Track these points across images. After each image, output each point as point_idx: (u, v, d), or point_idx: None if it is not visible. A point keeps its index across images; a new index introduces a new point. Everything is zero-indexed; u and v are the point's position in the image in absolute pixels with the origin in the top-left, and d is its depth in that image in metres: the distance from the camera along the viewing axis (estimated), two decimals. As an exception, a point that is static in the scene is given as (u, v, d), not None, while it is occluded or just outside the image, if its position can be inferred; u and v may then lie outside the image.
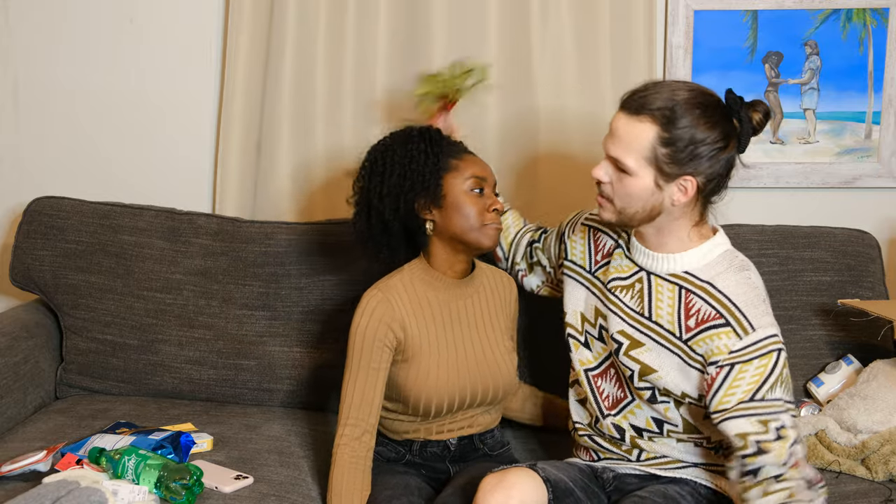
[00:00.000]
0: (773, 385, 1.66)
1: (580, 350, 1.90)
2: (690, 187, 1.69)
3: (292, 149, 2.60)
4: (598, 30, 2.51)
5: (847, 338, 2.29)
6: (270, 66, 2.56)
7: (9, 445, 2.05)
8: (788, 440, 1.65)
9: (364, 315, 1.92)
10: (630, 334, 1.79)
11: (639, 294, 1.79)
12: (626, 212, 1.73)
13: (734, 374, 1.67)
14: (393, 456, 2.03)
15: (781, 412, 1.66)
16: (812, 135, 2.58)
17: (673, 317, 1.75)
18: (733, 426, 1.66)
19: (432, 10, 2.51)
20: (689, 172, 1.67)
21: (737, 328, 1.68)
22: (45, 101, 2.69)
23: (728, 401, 1.67)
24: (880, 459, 1.96)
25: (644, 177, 1.68)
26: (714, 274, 1.74)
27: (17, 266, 2.42)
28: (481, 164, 1.97)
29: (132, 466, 1.80)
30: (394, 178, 1.93)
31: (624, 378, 1.83)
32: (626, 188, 1.70)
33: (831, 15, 2.53)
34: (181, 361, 2.37)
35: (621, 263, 1.84)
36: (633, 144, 1.67)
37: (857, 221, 2.44)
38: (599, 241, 1.92)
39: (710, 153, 1.67)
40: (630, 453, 1.86)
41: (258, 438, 2.13)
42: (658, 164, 1.67)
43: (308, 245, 2.37)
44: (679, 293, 1.75)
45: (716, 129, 1.67)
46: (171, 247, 2.40)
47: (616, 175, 1.71)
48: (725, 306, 1.70)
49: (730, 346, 1.68)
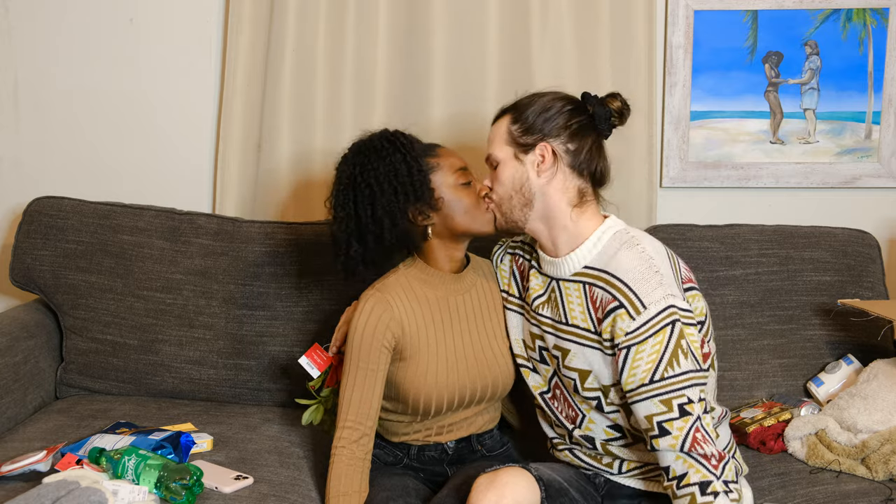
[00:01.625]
0: (670, 361, 1.66)
1: (531, 376, 1.94)
2: (546, 152, 1.79)
3: (292, 148, 2.60)
4: (598, 30, 2.51)
5: (847, 338, 2.29)
6: (270, 66, 2.56)
7: (9, 445, 2.05)
8: (692, 416, 1.65)
9: (362, 316, 1.91)
10: (560, 345, 1.82)
11: (554, 303, 1.83)
12: (504, 203, 1.83)
13: (631, 356, 1.68)
14: (391, 460, 2.03)
15: (685, 387, 1.66)
16: (812, 135, 2.58)
17: (585, 314, 1.77)
18: (640, 409, 1.68)
19: (432, 10, 2.51)
20: (540, 139, 1.80)
21: (629, 309, 1.69)
22: (45, 100, 2.69)
23: (631, 382, 1.69)
24: (880, 459, 1.96)
25: (506, 157, 1.83)
26: (607, 259, 1.76)
27: (17, 266, 2.42)
28: (454, 153, 1.98)
29: (132, 466, 1.80)
30: (385, 196, 1.88)
31: (568, 393, 1.84)
32: (498, 178, 1.85)
33: (831, 15, 2.53)
34: (181, 361, 2.37)
35: (537, 282, 1.89)
36: (496, 137, 1.86)
37: (857, 221, 2.44)
38: (521, 265, 1.96)
39: (558, 117, 1.79)
40: (611, 466, 1.85)
41: (258, 438, 2.13)
42: (513, 138, 1.82)
43: (308, 245, 2.37)
44: (584, 289, 1.78)
45: (566, 103, 1.82)
46: (171, 247, 2.40)
47: (493, 175, 1.87)
48: (617, 288, 1.72)
49: (625, 329, 1.69)
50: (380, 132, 1.96)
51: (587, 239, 1.80)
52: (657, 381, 1.67)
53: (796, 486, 1.94)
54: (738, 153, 2.59)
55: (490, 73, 2.53)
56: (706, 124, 2.59)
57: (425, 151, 1.95)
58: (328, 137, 2.58)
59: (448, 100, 2.54)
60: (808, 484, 1.95)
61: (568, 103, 1.83)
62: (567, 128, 1.80)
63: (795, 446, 2.08)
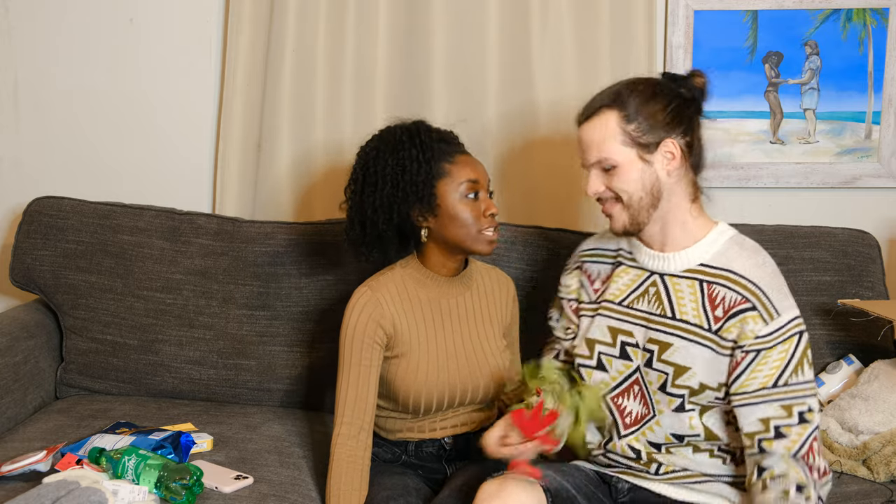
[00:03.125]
0: (795, 368, 1.67)
1: (593, 376, 1.84)
2: (675, 149, 1.73)
3: (292, 148, 2.60)
4: (598, 30, 2.51)
5: (847, 338, 2.29)
6: (270, 66, 2.56)
7: (9, 445, 2.05)
8: (811, 425, 1.65)
9: (353, 313, 1.92)
10: (658, 339, 1.77)
11: (656, 297, 1.78)
12: (633, 204, 1.74)
13: (758, 360, 1.67)
14: (389, 457, 2.03)
15: (807, 396, 1.67)
16: (812, 135, 2.58)
17: (699, 310, 1.73)
18: (755, 411, 1.67)
19: (432, 10, 2.51)
20: (663, 136, 1.72)
21: (763, 313, 1.68)
22: (45, 100, 2.69)
23: (749, 384, 1.67)
24: (882, 460, 1.96)
25: (630, 159, 1.72)
26: (729, 260, 1.74)
27: (17, 266, 2.42)
28: (473, 164, 1.94)
29: (132, 466, 1.80)
30: (387, 189, 1.90)
31: (648, 392, 1.79)
32: (622, 180, 1.73)
33: (831, 15, 2.53)
34: (181, 361, 2.37)
35: (629, 277, 1.83)
36: (605, 138, 1.73)
37: (857, 221, 2.44)
38: (590, 273, 1.91)
39: (672, 113, 1.72)
40: (648, 467, 1.81)
41: (258, 438, 2.13)
42: (633, 140, 1.72)
43: (308, 245, 2.37)
44: (700, 286, 1.74)
45: (664, 96, 1.73)
46: (171, 247, 2.40)
47: (607, 178, 1.75)
48: (750, 290, 1.70)
49: (756, 332, 1.68)
50: (408, 124, 1.96)
51: (704, 237, 1.77)
52: (781, 387, 1.66)
53: (797, 487, 1.94)
54: (738, 153, 2.59)
55: (490, 72, 2.53)
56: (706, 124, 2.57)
57: (444, 154, 1.92)
58: (328, 137, 2.58)
59: (448, 100, 2.54)
60: (809, 484, 1.94)
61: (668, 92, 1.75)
62: (680, 121, 1.73)
63: (796, 446, 2.08)
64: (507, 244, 2.31)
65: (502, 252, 2.30)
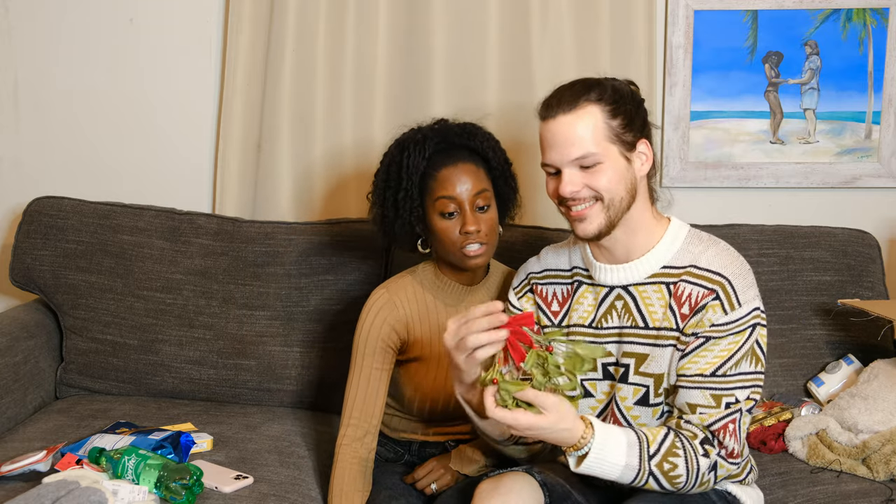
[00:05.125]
0: (739, 360, 1.65)
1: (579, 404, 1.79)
2: (648, 151, 1.71)
3: (292, 149, 2.60)
4: (598, 30, 2.51)
5: (847, 338, 2.29)
6: (270, 66, 2.56)
7: (9, 445, 2.05)
8: (736, 411, 1.64)
9: (369, 315, 1.91)
10: (633, 351, 1.74)
11: (625, 310, 1.75)
12: (615, 204, 1.67)
13: (704, 347, 1.66)
14: (392, 456, 2.03)
15: (738, 387, 1.65)
16: (812, 135, 2.58)
17: (667, 313, 1.71)
18: (686, 395, 1.66)
19: (432, 10, 2.51)
20: (640, 137, 1.69)
21: (724, 302, 1.66)
22: (45, 100, 2.69)
23: (688, 368, 1.66)
24: (881, 459, 1.96)
25: (614, 156, 1.66)
26: (693, 256, 1.72)
27: (17, 266, 2.42)
28: (454, 179, 1.84)
29: (132, 466, 1.80)
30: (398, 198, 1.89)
31: (621, 409, 1.74)
32: (606, 178, 1.66)
33: (831, 15, 2.53)
34: (181, 361, 2.37)
35: (591, 297, 1.79)
36: (590, 132, 1.64)
37: (857, 221, 2.44)
38: (546, 295, 1.84)
39: (642, 114, 1.70)
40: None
41: (258, 438, 2.13)
42: (618, 136, 1.66)
43: (308, 245, 2.37)
44: (667, 288, 1.72)
45: (632, 97, 1.70)
46: (171, 247, 2.40)
47: (586, 176, 1.66)
48: (715, 281, 1.67)
49: (713, 320, 1.66)
50: (424, 127, 1.92)
51: (662, 239, 1.74)
52: (718, 377, 1.64)
53: (797, 486, 1.95)
54: (738, 153, 2.59)
55: (490, 72, 2.53)
56: (706, 124, 2.59)
57: (435, 166, 1.86)
58: (328, 137, 2.58)
59: (448, 100, 2.54)
60: (809, 484, 1.95)
61: (633, 95, 1.71)
62: (645, 123, 1.72)
63: (796, 446, 2.08)
64: (507, 244, 2.31)
65: (503, 252, 2.30)
